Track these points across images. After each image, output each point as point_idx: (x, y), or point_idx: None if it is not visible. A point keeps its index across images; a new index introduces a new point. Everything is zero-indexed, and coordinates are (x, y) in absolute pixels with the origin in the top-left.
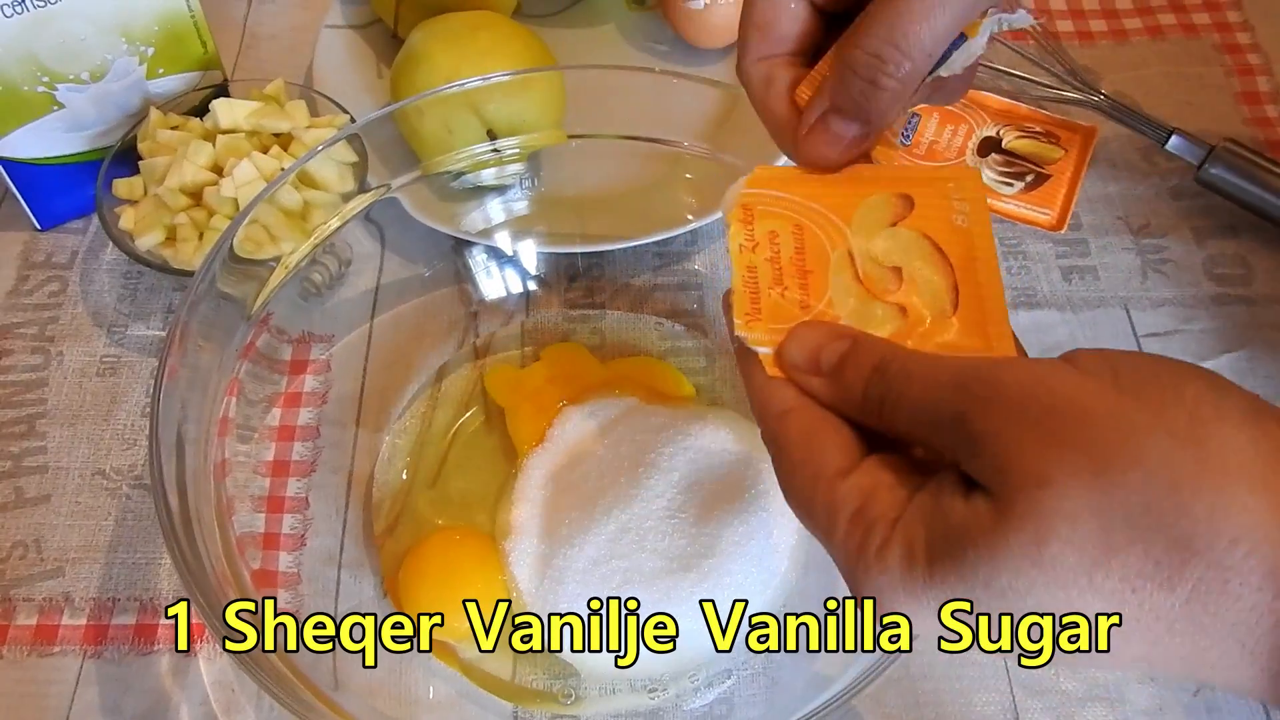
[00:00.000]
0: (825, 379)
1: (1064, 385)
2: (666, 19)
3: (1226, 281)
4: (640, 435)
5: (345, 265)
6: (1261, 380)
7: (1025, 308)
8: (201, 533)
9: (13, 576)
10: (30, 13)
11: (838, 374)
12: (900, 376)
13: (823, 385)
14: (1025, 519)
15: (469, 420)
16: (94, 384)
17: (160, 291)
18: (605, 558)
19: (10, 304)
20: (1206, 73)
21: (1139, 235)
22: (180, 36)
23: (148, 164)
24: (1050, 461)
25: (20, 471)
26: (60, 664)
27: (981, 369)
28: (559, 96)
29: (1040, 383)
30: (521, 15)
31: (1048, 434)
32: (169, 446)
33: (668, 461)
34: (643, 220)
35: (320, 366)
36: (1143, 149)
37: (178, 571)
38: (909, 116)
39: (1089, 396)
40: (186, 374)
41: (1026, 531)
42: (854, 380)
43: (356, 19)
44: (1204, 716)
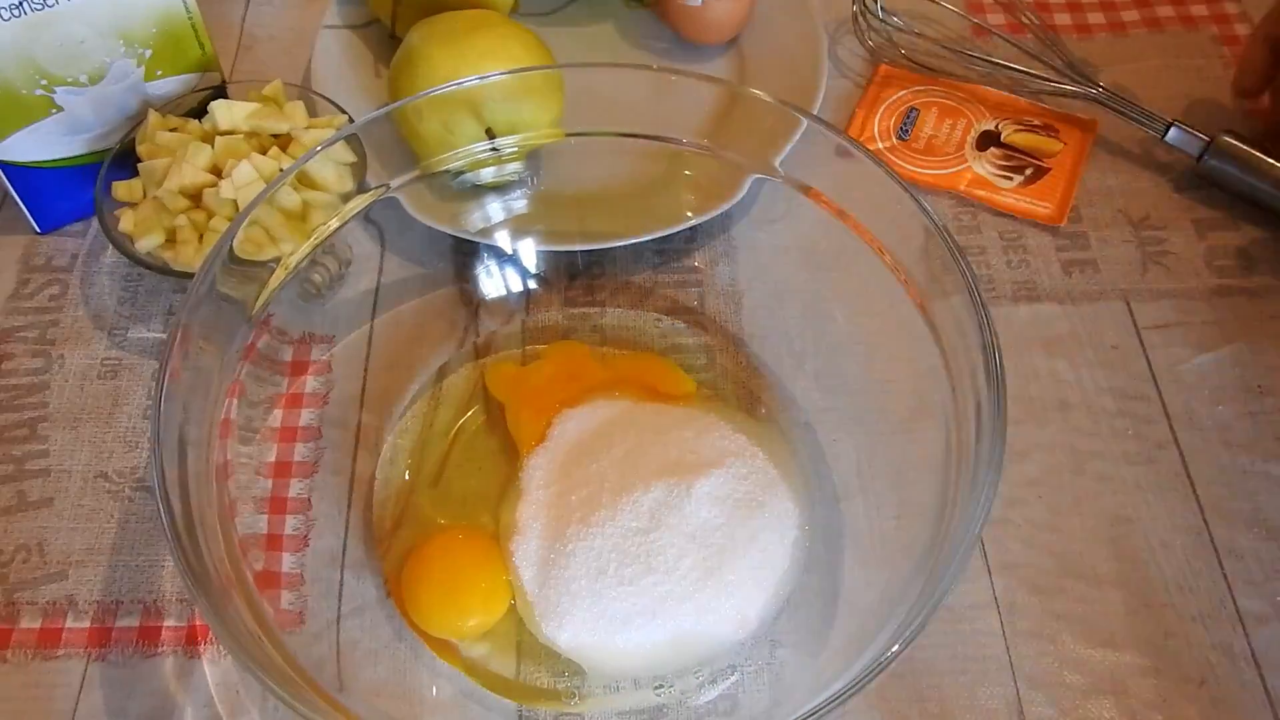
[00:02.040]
0: None
1: None
2: (664, 17)
3: (1227, 273)
4: (641, 434)
5: (345, 266)
6: (1262, 372)
7: (1026, 301)
8: (204, 535)
9: (16, 580)
10: (28, 16)
11: None
12: None
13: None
14: None
15: (470, 419)
16: (95, 387)
17: (160, 294)
18: (609, 558)
19: (11, 308)
20: (1205, 65)
21: (1139, 228)
22: (178, 38)
23: (147, 166)
24: None
25: (23, 475)
26: (65, 667)
27: None
28: (557, 95)
29: None
30: (519, 14)
31: None
32: (171, 449)
33: (669, 461)
34: (642, 218)
35: (321, 367)
36: (1142, 141)
37: (180, 574)
38: (907, 111)
39: None
40: (188, 376)
41: None
42: None
43: (354, 19)
44: (1209, 709)
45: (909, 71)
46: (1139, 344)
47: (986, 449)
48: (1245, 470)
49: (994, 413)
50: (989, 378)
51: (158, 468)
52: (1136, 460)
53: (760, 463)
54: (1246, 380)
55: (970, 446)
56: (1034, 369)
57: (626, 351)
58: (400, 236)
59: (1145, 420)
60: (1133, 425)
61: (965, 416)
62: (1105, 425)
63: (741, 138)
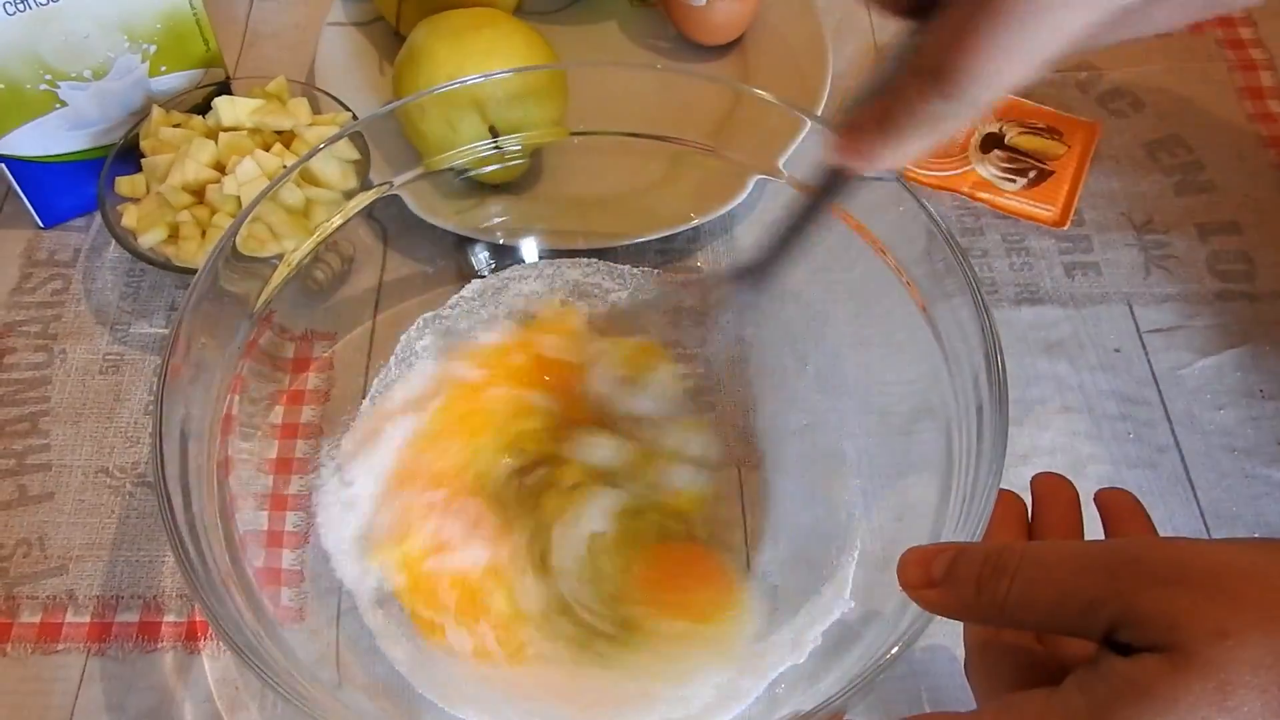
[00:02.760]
0: (940, 588)
1: (1221, 552)
2: (668, 16)
3: (1229, 277)
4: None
5: (348, 263)
6: (1264, 377)
7: (1028, 304)
8: (205, 531)
9: (16, 574)
10: (33, 11)
11: (950, 577)
12: (1033, 562)
13: (939, 595)
14: (1208, 667)
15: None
16: (97, 382)
17: (163, 289)
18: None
19: (13, 302)
20: (1210, 68)
21: (1142, 231)
22: (182, 34)
23: (150, 162)
24: (1224, 616)
25: (24, 469)
26: (64, 662)
27: (1128, 550)
28: (561, 93)
29: (1196, 553)
30: (523, 12)
31: (1217, 593)
32: (172, 444)
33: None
34: (645, 218)
35: (323, 364)
36: (1146, 144)
37: (180, 570)
38: None
39: (1245, 558)
40: (190, 372)
41: (1211, 679)
42: (966, 577)
43: (358, 16)
44: None
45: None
46: (1141, 347)
47: (988, 451)
48: (1247, 475)
49: (996, 415)
50: (991, 380)
51: (158, 464)
52: (1138, 464)
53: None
54: (1248, 385)
55: (972, 448)
56: (1035, 372)
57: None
58: (403, 234)
59: (1146, 424)
60: (1134, 429)
61: (967, 418)
62: (1107, 429)
63: (745, 138)
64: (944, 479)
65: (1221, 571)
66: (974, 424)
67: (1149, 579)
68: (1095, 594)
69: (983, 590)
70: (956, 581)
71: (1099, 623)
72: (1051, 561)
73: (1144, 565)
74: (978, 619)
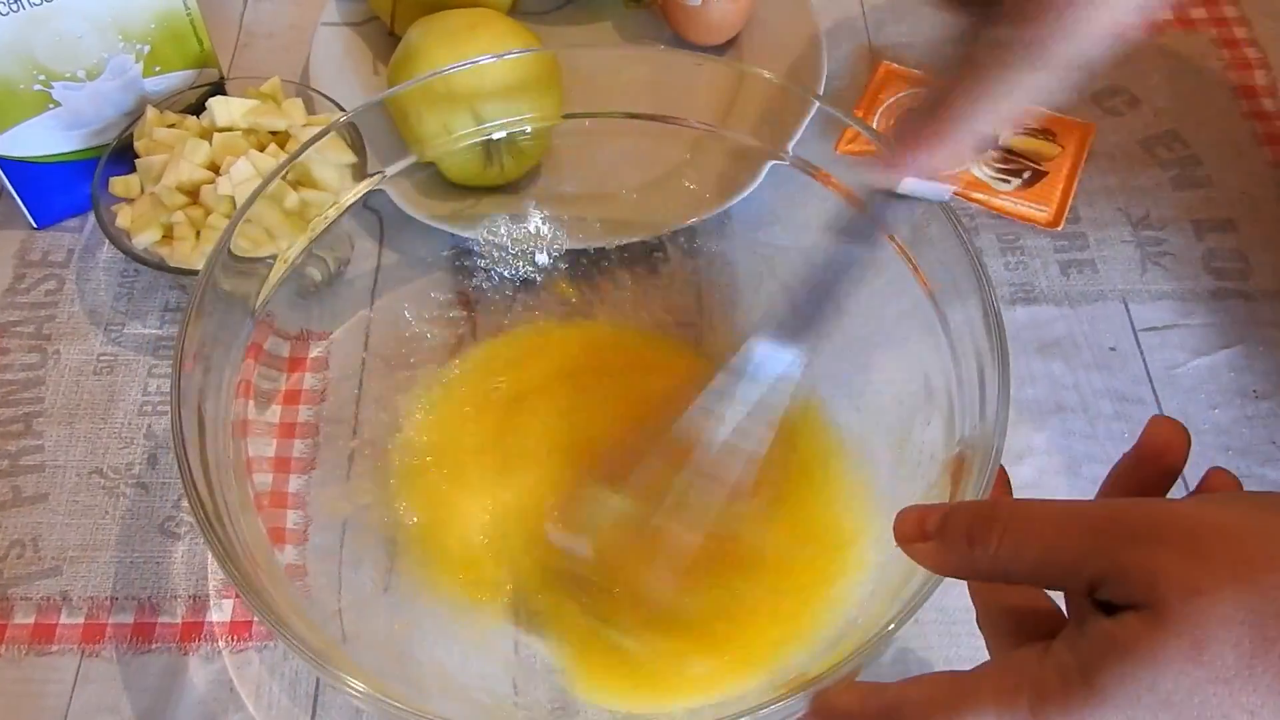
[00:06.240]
0: (934, 541)
1: (1201, 511)
2: (664, 16)
3: (1225, 275)
4: None
5: (343, 263)
6: (1259, 376)
7: (1023, 303)
8: (230, 518)
9: (10, 575)
10: (26, 10)
11: (943, 531)
12: (1022, 518)
13: (932, 549)
14: (1183, 624)
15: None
16: (91, 382)
17: (157, 290)
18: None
19: (7, 302)
20: (1204, 67)
21: (1138, 227)
22: (177, 34)
23: (144, 162)
24: (1198, 574)
25: (18, 470)
26: (58, 663)
27: (1112, 510)
28: (556, 91)
29: (1176, 513)
30: (518, 13)
31: (1192, 552)
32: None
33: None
34: (644, 215)
35: (318, 364)
36: (1143, 140)
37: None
38: (906, 111)
39: (1222, 516)
40: (198, 374)
41: (1185, 635)
42: (958, 531)
43: (353, 17)
44: None
45: (909, 71)
46: (1136, 346)
47: (985, 451)
48: (1241, 474)
49: (996, 415)
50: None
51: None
52: None
53: None
54: (1242, 384)
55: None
56: (1031, 372)
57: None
58: (398, 233)
59: (1142, 423)
60: (1129, 428)
61: (968, 417)
62: (1102, 428)
63: (748, 127)
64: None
65: (1198, 530)
66: (975, 424)
67: (1130, 538)
68: (1079, 551)
69: (974, 544)
70: (949, 535)
71: (1082, 580)
72: (1039, 516)
73: (1125, 524)
74: (970, 573)
